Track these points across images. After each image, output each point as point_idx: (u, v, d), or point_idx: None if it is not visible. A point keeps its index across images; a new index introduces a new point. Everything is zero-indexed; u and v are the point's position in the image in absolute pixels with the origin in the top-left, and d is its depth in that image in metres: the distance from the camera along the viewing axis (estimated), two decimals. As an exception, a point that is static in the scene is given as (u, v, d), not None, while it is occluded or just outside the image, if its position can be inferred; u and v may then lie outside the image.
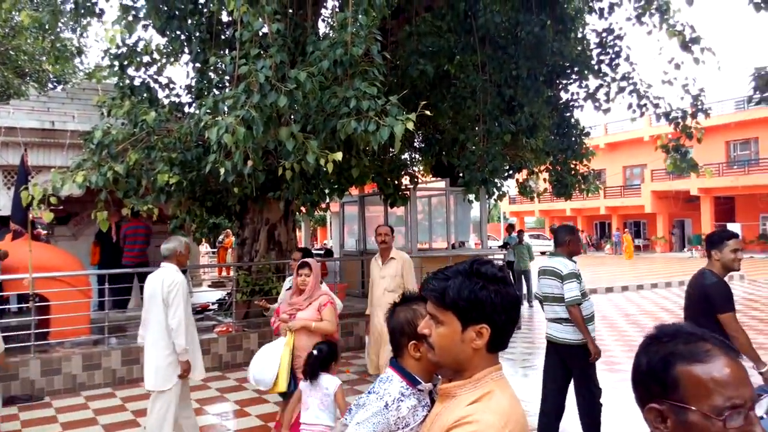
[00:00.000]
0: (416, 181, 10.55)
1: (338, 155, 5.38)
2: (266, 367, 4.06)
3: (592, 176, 11.69)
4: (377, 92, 5.36)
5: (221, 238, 19.98)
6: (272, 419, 5.42)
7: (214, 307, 10.24)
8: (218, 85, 7.65)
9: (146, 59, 7.82)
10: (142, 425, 5.48)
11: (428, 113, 5.30)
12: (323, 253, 14.70)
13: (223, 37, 7.87)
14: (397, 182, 9.41)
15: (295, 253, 5.63)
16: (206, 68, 7.69)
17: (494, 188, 11.11)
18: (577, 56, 9.68)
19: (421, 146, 12.62)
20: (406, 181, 10.08)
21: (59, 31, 13.90)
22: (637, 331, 9.97)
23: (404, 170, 10.14)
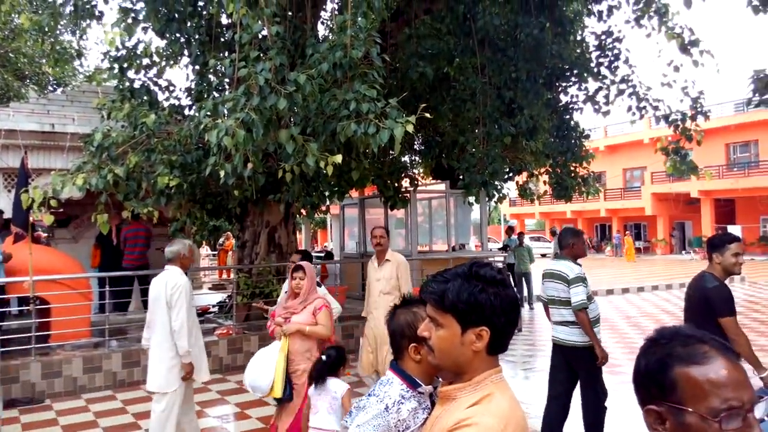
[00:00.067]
0: (416, 183, 10.57)
1: (338, 158, 5.39)
2: (262, 372, 3.98)
3: (591, 179, 11.68)
4: (377, 95, 5.36)
5: (221, 240, 20.01)
6: (273, 422, 5.41)
7: (214, 309, 10.24)
8: (218, 87, 7.66)
9: (146, 62, 7.83)
10: (142, 428, 5.48)
11: (428, 116, 5.30)
12: (324, 255, 14.71)
13: (222, 39, 7.87)
14: (397, 185, 9.42)
15: (294, 255, 5.62)
16: (206, 71, 7.70)
17: (494, 190, 11.07)
18: (576, 59, 9.68)
19: (421, 149, 12.64)
20: (406, 183, 10.10)
21: (59, 33, 13.94)
22: (637, 333, 9.96)
23: (404, 173, 10.16)
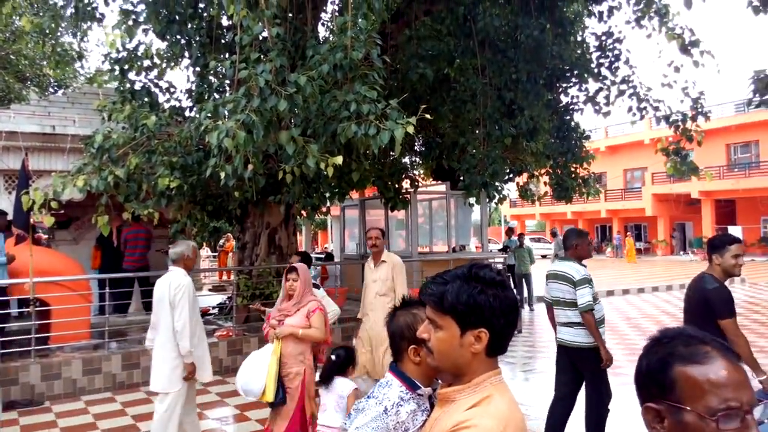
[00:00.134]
0: (417, 184, 10.57)
1: (338, 159, 5.39)
2: (254, 376, 3.91)
3: (592, 179, 11.68)
4: (377, 96, 5.36)
5: (222, 242, 20.03)
6: (272, 423, 5.41)
7: (214, 311, 10.24)
8: (218, 89, 7.66)
9: (147, 63, 7.83)
10: (142, 430, 5.47)
11: (428, 117, 5.30)
12: (324, 257, 14.70)
13: (223, 41, 7.87)
14: (397, 186, 9.42)
15: (293, 256, 5.62)
16: (206, 72, 7.70)
17: (495, 191, 11.08)
18: (576, 59, 9.68)
19: (421, 150, 12.64)
20: (406, 184, 10.09)
21: (60, 35, 13.95)
22: (638, 334, 9.95)
23: (405, 174, 10.16)
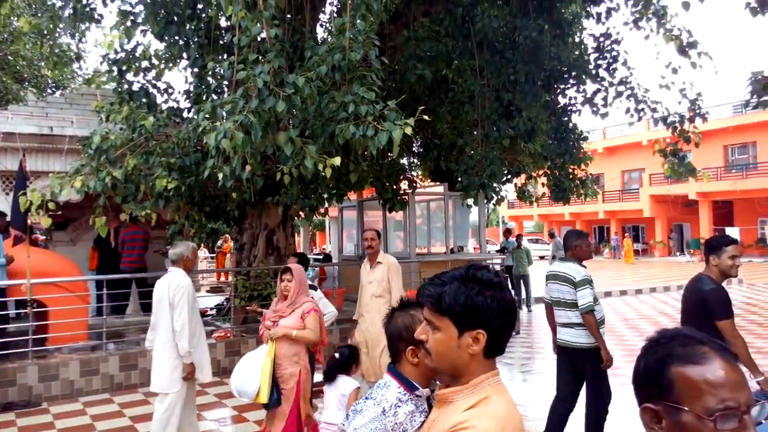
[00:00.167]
0: (415, 185, 10.55)
1: (336, 160, 5.39)
2: (248, 377, 3.90)
3: (590, 181, 11.70)
4: (375, 97, 5.36)
5: (220, 243, 20.00)
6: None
7: (212, 312, 10.23)
8: (216, 90, 7.66)
9: (145, 64, 7.82)
10: (140, 431, 5.47)
11: (426, 118, 5.29)
12: (322, 258, 14.70)
13: (221, 42, 7.87)
14: (395, 187, 9.41)
15: (290, 258, 5.62)
16: (204, 73, 7.70)
17: (493, 193, 11.10)
18: (574, 61, 9.69)
19: (419, 151, 12.64)
20: (404, 185, 10.09)
21: (58, 36, 13.94)
22: (635, 335, 9.95)
23: (403, 175, 10.15)
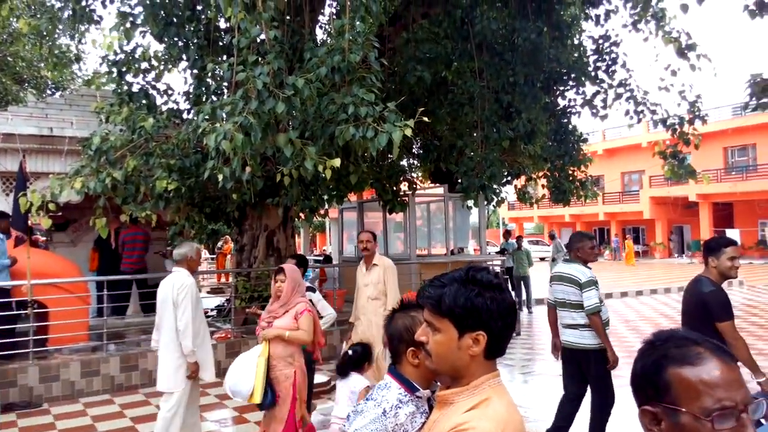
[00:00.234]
0: (415, 187, 10.55)
1: (336, 161, 5.39)
2: (242, 377, 3.89)
3: (590, 182, 11.70)
4: (375, 99, 5.37)
5: (220, 244, 19.99)
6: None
7: (212, 313, 10.22)
8: (216, 91, 7.66)
9: (144, 66, 7.81)
10: (139, 432, 5.47)
11: (426, 119, 5.30)
12: (323, 259, 14.69)
13: (220, 43, 7.87)
14: (395, 188, 9.42)
15: (288, 260, 5.62)
16: (204, 75, 7.70)
17: (493, 194, 11.10)
18: (573, 63, 9.70)
19: (419, 152, 12.64)
20: (404, 187, 10.09)
21: (57, 37, 13.94)
22: (636, 337, 9.96)
23: (403, 176, 10.15)
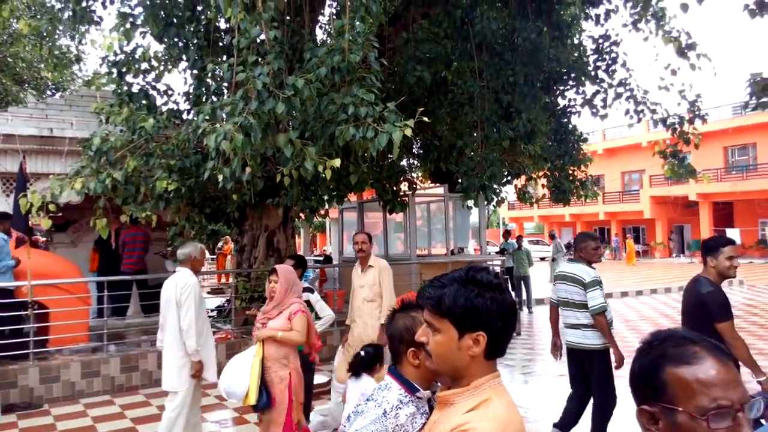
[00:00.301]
0: (415, 187, 10.55)
1: (336, 162, 5.39)
2: (237, 378, 3.88)
3: (590, 182, 11.70)
4: (375, 99, 5.36)
5: (220, 244, 19.99)
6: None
7: (213, 314, 10.23)
8: (216, 92, 7.66)
9: (144, 66, 7.81)
10: (140, 433, 5.47)
11: (426, 119, 5.30)
12: (323, 259, 14.69)
13: (220, 44, 7.87)
14: (395, 188, 9.41)
15: (287, 260, 5.62)
16: (204, 75, 7.70)
17: (493, 194, 11.09)
18: (573, 62, 9.70)
19: (419, 152, 12.63)
20: (404, 187, 10.09)
21: (57, 38, 13.93)
22: (636, 337, 9.96)
23: (403, 176, 10.15)
